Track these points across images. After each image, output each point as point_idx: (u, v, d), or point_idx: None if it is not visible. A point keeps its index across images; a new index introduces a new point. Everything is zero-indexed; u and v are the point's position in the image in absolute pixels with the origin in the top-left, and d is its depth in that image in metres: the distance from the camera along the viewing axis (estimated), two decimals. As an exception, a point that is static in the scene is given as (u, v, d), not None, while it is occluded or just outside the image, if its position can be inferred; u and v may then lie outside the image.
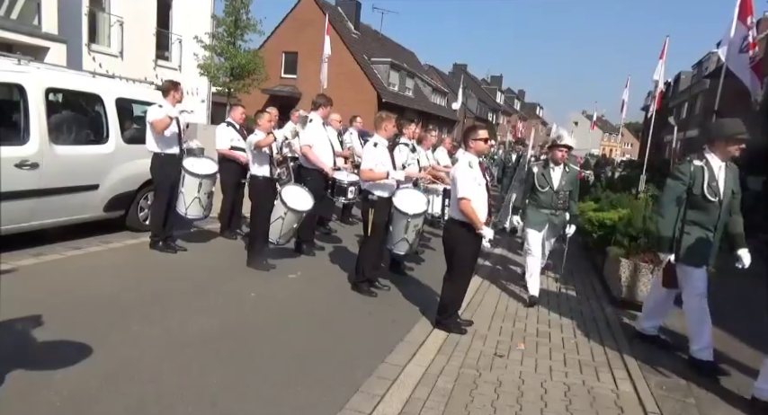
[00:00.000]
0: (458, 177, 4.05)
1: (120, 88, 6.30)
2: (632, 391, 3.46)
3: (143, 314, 3.87)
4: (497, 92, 58.10)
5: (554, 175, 5.31)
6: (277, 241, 5.48)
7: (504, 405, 3.12)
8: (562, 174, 5.31)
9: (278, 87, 28.53)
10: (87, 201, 5.58)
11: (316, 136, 5.99)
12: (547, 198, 5.28)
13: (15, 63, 4.97)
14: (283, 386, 3.10)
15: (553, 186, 5.28)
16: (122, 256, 5.42)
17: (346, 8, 32.26)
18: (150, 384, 2.94)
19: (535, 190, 5.33)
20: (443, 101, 40.67)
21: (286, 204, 5.29)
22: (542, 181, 5.31)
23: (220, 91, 18.19)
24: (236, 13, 16.93)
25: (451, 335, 4.15)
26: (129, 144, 5.98)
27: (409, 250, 5.29)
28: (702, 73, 28.90)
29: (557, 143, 5.34)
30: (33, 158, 4.86)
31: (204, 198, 5.67)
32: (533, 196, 5.35)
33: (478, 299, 5.21)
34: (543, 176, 5.31)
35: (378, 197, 4.86)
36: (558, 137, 5.39)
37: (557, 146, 5.32)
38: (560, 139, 5.32)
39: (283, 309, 4.41)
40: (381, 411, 2.93)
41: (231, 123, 6.45)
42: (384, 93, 28.83)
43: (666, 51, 12.39)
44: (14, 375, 2.81)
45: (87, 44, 13.83)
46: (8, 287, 3.82)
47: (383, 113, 5.08)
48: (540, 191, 5.29)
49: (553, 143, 5.44)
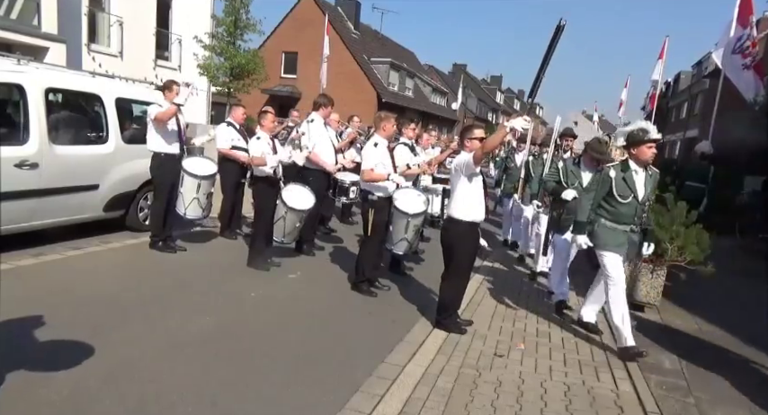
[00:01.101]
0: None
1: (119, 88, 6.31)
2: (632, 391, 3.46)
3: (143, 314, 3.87)
4: (497, 92, 58.10)
5: (638, 181, 4.11)
6: (282, 240, 5.48)
7: (504, 405, 3.12)
8: (646, 179, 4.13)
9: (278, 87, 28.52)
10: (87, 201, 5.58)
11: (317, 136, 5.99)
12: (629, 210, 4.11)
13: (15, 63, 4.98)
14: (283, 386, 3.10)
15: (638, 195, 4.10)
16: (122, 256, 5.42)
17: (346, 8, 32.25)
18: (150, 384, 2.94)
19: (612, 201, 4.14)
20: (443, 101, 40.67)
21: (286, 204, 5.30)
22: (623, 189, 4.10)
23: (220, 91, 18.19)
24: (235, 13, 16.93)
25: (451, 335, 4.15)
26: (128, 144, 5.98)
27: (409, 249, 5.28)
28: (702, 73, 28.92)
29: (642, 138, 4.05)
30: (33, 158, 4.85)
31: (203, 199, 5.67)
32: (608, 208, 4.18)
33: (478, 299, 5.21)
34: (625, 182, 4.11)
35: (378, 197, 4.86)
36: (641, 130, 4.08)
37: (642, 143, 4.05)
38: (646, 134, 4.05)
39: (283, 309, 4.41)
40: (381, 411, 2.93)
41: (231, 123, 6.45)
42: (384, 93, 28.84)
43: (666, 51, 12.40)
44: (14, 375, 2.81)
45: (87, 44, 13.82)
46: (8, 287, 3.81)
47: (382, 113, 5.09)
48: (621, 202, 4.11)
49: (636, 139, 4.08)
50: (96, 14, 14.36)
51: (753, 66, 7.42)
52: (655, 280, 5.27)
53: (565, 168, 5.01)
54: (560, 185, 4.96)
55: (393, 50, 36.54)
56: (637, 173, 4.10)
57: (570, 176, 4.94)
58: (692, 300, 5.54)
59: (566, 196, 4.79)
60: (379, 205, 4.88)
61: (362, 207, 5.01)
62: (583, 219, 4.34)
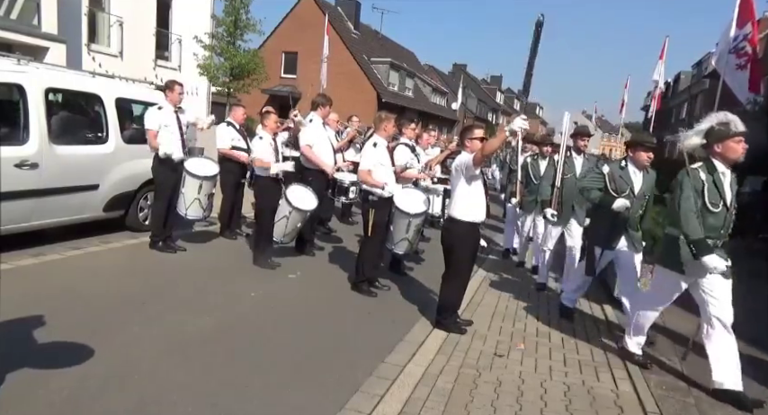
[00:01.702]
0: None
1: (119, 88, 6.32)
2: (632, 391, 3.46)
3: (143, 314, 3.88)
4: (497, 92, 58.07)
5: (726, 184, 3.44)
6: (281, 240, 5.49)
7: (503, 405, 3.12)
8: (732, 183, 3.49)
9: (278, 87, 28.50)
10: (87, 201, 5.58)
11: (316, 135, 5.99)
12: (718, 221, 3.40)
13: (15, 63, 4.97)
14: (283, 386, 3.10)
15: (726, 201, 3.41)
16: (122, 256, 5.42)
17: (346, 8, 32.24)
18: (150, 384, 2.94)
19: (703, 211, 3.40)
20: (443, 101, 40.66)
21: (291, 203, 5.31)
22: (714, 196, 3.39)
23: (220, 91, 18.18)
24: (235, 13, 16.93)
25: (451, 335, 4.15)
26: (128, 144, 5.98)
27: (410, 249, 5.28)
28: (702, 73, 28.94)
29: (728, 133, 3.39)
30: (33, 158, 4.85)
31: (204, 200, 5.68)
32: None
33: (478, 299, 5.21)
34: (716, 187, 3.40)
35: (378, 197, 4.86)
36: (722, 124, 3.42)
37: (728, 137, 3.38)
38: (731, 127, 3.40)
39: (283, 309, 4.41)
40: (381, 411, 2.93)
41: (231, 123, 6.45)
42: (384, 93, 28.83)
43: (666, 51, 12.41)
44: (14, 375, 2.81)
45: (87, 44, 13.81)
46: (8, 287, 3.82)
47: (382, 113, 5.09)
48: (712, 212, 3.38)
49: (721, 135, 3.40)
50: (96, 14, 14.35)
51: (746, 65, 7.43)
52: (655, 280, 5.26)
53: (611, 173, 4.29)
54: (608, 193, 4.26)
55: (393, 50, 36.54)
56: (724, 176, 3.43)
57: (619, 182, 4.24)
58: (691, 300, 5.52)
59: (618, 206, 4.13)
60: (380, 205, 4.88)
61: (363, 206, 5.01)
62: (697, 235, 3.30)
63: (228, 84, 17.40)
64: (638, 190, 4.26)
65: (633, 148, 4.31)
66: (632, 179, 4.25)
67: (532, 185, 6.06)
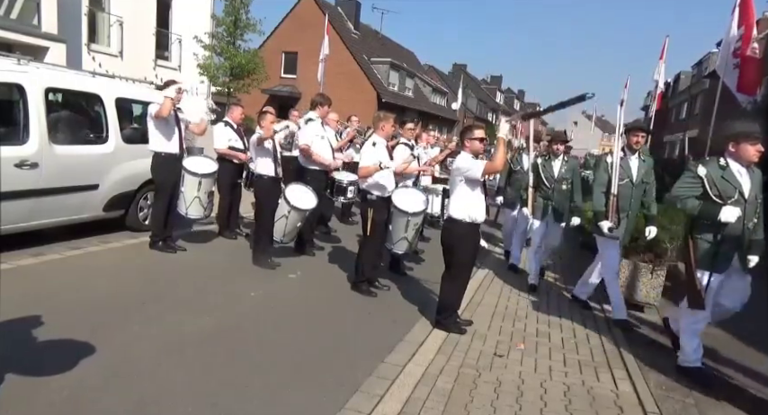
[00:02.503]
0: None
1: (119, 88, 6.31)
2: (632, 391, 3.46)
3: (143, 314, 3.87)
4: (497, 92, 58.09)
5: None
6: (281, 239, 5.49)
7: (503, 405, 3.12)
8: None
9: (278, 87, 28.52)
10: (87, 201, 5.58)
11: (315, 135, 5.99)
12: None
13: (15, 63, 4.97)
14: (283, 386, 3.10)
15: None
16: (122, 256, 5.42)
17: (346, 8, 32.24)
18: (150, 384, 2.94)
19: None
20: (443, 101, 40.66)
21: (289, 202, 5.31)
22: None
23: (220, 91, 18.19)
24: (235, 13, 16.94)
25: (451, 335, 4.15)
26: (128, 144, 5.97)
27: (409, 249, 5.28)
28: (702, 73, 28.94)
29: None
30: (33, 158, 4.85)
31: (204, 198, 5.67)
32: None
33: (478, 299, 5.21)
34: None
35: (377, 196, 4.86)
36: None
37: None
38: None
39: (283, 309, 4.40)
40: (381, 411, 2.93)
41: (229, 123, 6.45)
42: (384, 93, 28.82)
43: (666, 51, 12.41)
44: (14, 374, 2.81)
45: (87, 44, 13.82)
46: (8, 287, 3.82)
47: (381, 113, 5.07)
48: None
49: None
50: (96, 14, 14.35)
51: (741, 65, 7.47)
52: (654, 280, 5.28)
53: (709, 175, 3.52)
54: (709, 200, 3.50)
55: (393, 50, 36.54)
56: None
57: (723, 185, 3.48)
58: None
59: (726, 216, 3.37)
60: (379, 204, 4.88)
61: (362, 206, 5.01)
62: None
63: (228, 84, 17.41)
64: (749, 193, 3.47)
65: (736, 141, 3.51)
66: (739, 180, 3.48)
67: (544, 189, 5.67)
